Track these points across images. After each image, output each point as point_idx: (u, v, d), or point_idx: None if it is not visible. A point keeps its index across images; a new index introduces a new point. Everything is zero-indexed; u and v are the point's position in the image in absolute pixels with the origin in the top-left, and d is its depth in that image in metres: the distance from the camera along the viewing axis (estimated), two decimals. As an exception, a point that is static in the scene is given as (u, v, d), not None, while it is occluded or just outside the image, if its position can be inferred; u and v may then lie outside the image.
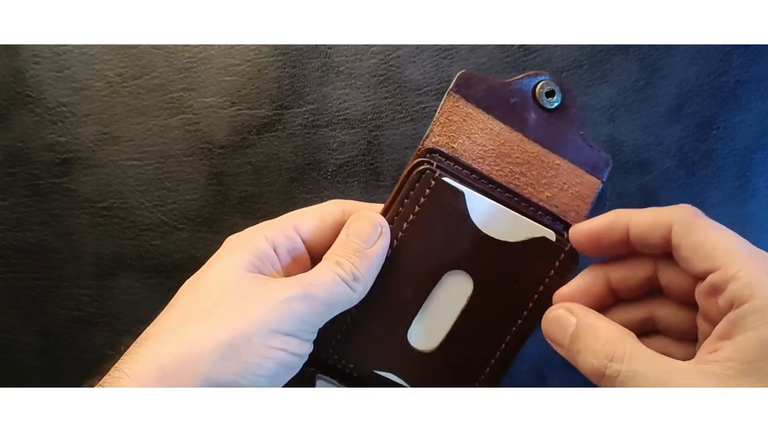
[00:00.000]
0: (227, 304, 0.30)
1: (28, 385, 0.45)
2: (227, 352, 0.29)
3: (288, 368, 0.31)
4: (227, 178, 0.44)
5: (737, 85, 0.44)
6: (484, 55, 0.44)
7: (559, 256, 0.33)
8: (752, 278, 0.27)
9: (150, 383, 0.28)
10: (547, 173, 0.34)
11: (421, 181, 0.32)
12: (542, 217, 0.34)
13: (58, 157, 0.44)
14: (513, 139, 0.34)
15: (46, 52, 0.43)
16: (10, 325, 0.45)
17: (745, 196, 0.45)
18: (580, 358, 0.29)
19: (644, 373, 0.27)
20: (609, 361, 0.28)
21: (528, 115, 0.34)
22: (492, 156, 0.34)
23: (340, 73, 0.44)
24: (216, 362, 0.29)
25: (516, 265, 0.33)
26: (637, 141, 0.44)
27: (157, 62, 0.44)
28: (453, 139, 0.34)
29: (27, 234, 0.45)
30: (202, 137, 0.44)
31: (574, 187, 0.35)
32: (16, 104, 0.44)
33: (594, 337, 0.29)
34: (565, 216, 0.35)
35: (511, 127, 0.34)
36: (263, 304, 0.30)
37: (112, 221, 0.44)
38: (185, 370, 0.28)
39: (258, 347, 0.29)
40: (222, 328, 0.29)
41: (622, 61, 0.44)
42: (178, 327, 0.31)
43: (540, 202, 0.34)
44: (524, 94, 0.34)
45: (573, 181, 0.35)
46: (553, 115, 0.34)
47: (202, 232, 0.44)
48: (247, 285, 0.31)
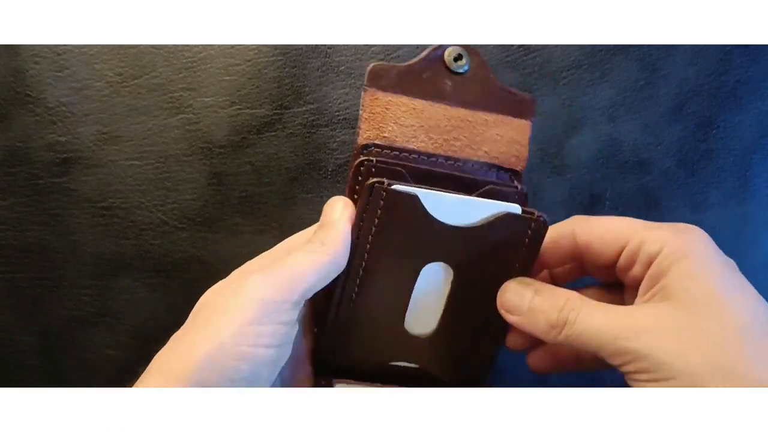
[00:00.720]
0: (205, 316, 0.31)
1: (28, 385, 0.45)
2: (204, 364, 0.29)
3: (268, 364, 0.30)
4: (227, 177, 0.44)
5: (737, 85, 0.44)
6: (484, 55, 0.43)
7: (530, 226, 0.33)
8: (657, 237, 0.31)
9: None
10: (478, 131, 0.35)
11: (372, 197, 0.32)
12: (487, 173, 0.36)
13: (58, 156, 0.44)
14: (437, 111, 0.35)
15: (46, 51, 0.43)
16: (9, 324, 0.45)
17: (744, 196, 0.45)
18: (541, 317, 0.32)
19: (597, 316, 0.31)
20: (569, 312, 0.31)
21: (444, 85, 0.35)
22: (423, 132, 0.35)
23: (340, 73, 0.44)
24: (194, 376, 0.29)
25: (489, 245, 0.34)
26: (637, 141, 0.44)
27: (157, 62, 0.44)
28: (382, 129, 0.34)
29: (27, 234, 0.45)
30: (202, 137, 0.44)
31: (507, 134, 0.36)
32: (16, 104, 0.44)
33: (555, 297, 0.32)
34: (508, 164, 0.36)
35: (432, 101, 0.35)
36: (230, 303, 0.30)
37: (112, 221, 0.44)
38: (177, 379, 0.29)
39: (231, 351, 0.29)
40: (201, 340, 0.29)
41: (622, 61, 0.44)
42: (175, 342, 0.31)
43: (480, 159, 0.35)
44: (434, 67, 0.35)
45: (504, 130, 0.36)
46: (467, 77, 0.35)
47: (202, 231, 0.44)
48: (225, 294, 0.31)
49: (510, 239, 0.34)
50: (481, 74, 0.35)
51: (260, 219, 0.44)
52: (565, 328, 0.31)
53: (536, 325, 0.32)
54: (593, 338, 0.30)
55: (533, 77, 0.44)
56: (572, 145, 0.44)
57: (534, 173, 0.44)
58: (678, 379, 0.28)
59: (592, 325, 0.30)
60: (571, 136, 0.44)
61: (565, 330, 0.31)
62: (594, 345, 0.30)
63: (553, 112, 0.44)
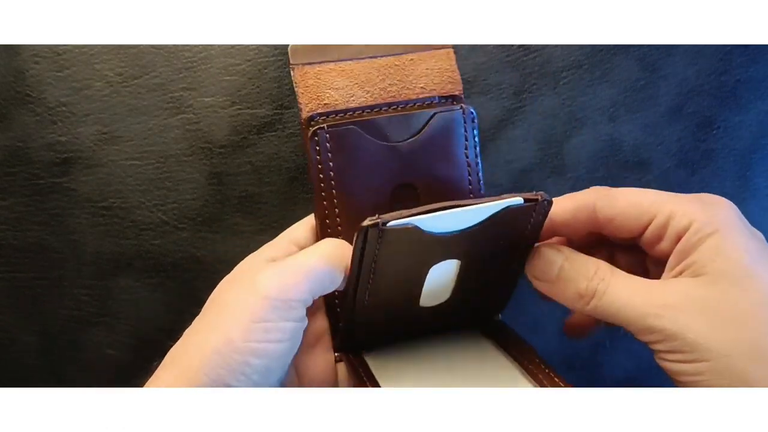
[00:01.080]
0: (216, 311, 0.31)
1: (28, 384, 0.45)
2: (214, 359, 0.29)
3: (278, 357, 0.30)
4: (227, 177, 0.44)
5: (737, 84, 0.44)
6: (484, 55, 0.44)
7: (534, 209, 0.33)
8: (685, 211, 0.30)
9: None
10: (408, 71, 0.37)
11: (368, 239, 0.31)
12: (431, 104, 0.37)
13: (58, 156, 0.44)
14: (365, 66, 0.37)
15: (46, 51, 0.43)
16: (9, 324, 0.45)
17: (745, 196, 0.45)
18: (570, 286, 0.31)
19: (626, 289, 0.30)
20: (598, 282, 0.30)
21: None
22: (358, 89, 0.37)
23: (340, 73, 0.44)
24: (205, 371, 0.29)
25: (495, 235, 0.33)
26: (637, 141, 0.44)
27: (158, 62, 0.44)
28: (320, 98, 0.36)
29: (27, 233, 0.45)
30: (202, 137, 0.44)
31: (436, 66, 0.38)
32: (16, 104, 0.44)
33: (585, 265, 0.31)
34: (445, 91, 0.37)
35: (357, 59, 0.37)
36: (240, 299, 0.30)
37: (112, 221, 0.44)
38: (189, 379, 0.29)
39: (240, 347, 0.29)
40: (211, 336, 0.30)
41: (623, 61, 0.44)
42: (188, 337, 0.31)
43: (420, 96, 0.37)
44: None
45: (431, 63, 0.38)
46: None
47: (203, 231, 0.44)
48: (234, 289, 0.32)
49: (515, 225, 0.33)
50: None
51: (260, 219, 0.44)
52: (594, 298, 0.30)
53: (564, 293, 0.32)
54: (621, 312, 0.30)
55: (533, 77, 0.44)
56: (572, 144, 0.44)
57: (534, 173, 0.44)
58: (710, 360, 0.27)
59: (621, 298, 0.30)
60: (571, 136, 0.44)
61: (594, 301, 0.30)
62: (622, 319, 0.30)
63: (553, 112, 0.44)
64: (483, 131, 0.44)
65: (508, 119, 0.44)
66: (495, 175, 0.44)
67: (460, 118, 0.36)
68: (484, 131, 0.44)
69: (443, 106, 0.37)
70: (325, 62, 0.36)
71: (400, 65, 0.37)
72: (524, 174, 0.44)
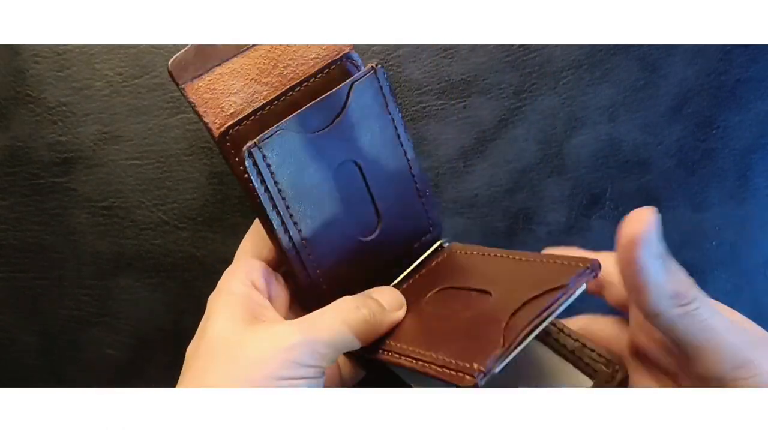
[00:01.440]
0: (233, 360, 0.30)
1: (28, 384, 0.45)
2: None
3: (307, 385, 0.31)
4: (228, 177, 0.44)
5: (737, 84, 0.44)
6: (484, 55, 0.44)
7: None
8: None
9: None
10: (293, 48, 0.36)
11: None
12: (329, 71, 0.36)
13: (58, 156, 0.44)
14: (250, 58, 0.36)
15: (47, 51, 0.43)
16: (10, 324, 0.45)
17: (745, 195, 0.45)
18: (669, 283, 0.29)
19: (716, 310, 0.29)
20: (698, 292, 0.29)
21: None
22: (256, 84, 0.36)
23: (340, 73, 0.44)
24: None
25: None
26: (637, 140, 0.44)
27: (158, 62, 0.44)
28: (224, 110, 0.35)
29: (27, 233, 0.45)
30: (202, 136, 0.44)
31: (313, 48, 0.37)
32: (17, 104, 0.44)
33: (683, 274, 0.29)
34: (337, 52, 0.37)
35: (239, 54, 0.36)
36: (265, 355, 0.30)
37: (113, 220, 0.44)
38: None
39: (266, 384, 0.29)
40: (233, 384, 0.30)
41: (622, 61, 0.44)
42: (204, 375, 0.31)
43: (315, 67, 0.36)
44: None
45: (311, 47, 0.37)
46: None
47: (203, 231, 0.44)
48: (248, 338, 0.31)
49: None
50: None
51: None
52: (691, 303, 0.28)
53: (657, 286, 0.29)
54: (709, 330, 0.28)
55: (533, 77, 0.44)
56: (572, 144, 0.44)
57: (534, 173, 0.44)
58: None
59: (718, 321, 0.29)
60: (571, 136, 0.44)
61: (692, 305, 0.28)
62: (707, 336, 0.28)
63: (553, 111, 0.44)
64: (483, 131, 0.44)
65: (508, 119, 0.44)
66: (495, 174, 0.44)
67: (374, 79, 0.35)
68: (485, 131, 0.44)
69: (353, 74, 0.36)
70: (212, 69, 0.35)
71: (286, 51, 0.37)
72: (524, 173, 0.44)
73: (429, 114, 0.44)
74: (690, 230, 0.45)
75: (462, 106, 0.44)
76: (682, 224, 0.45)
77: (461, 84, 0.44)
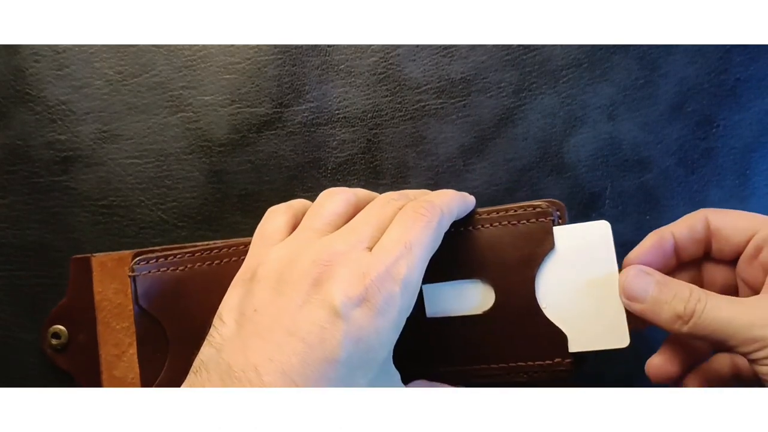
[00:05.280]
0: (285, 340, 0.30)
1: (28, 384, 0.45)
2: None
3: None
4: (227, 176, 0.44)
5: (737, 83, 0.44)
6: (484, 54, 0.44)
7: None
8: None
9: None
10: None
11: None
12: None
13: (57, 155, 0.44)
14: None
15: (46, 50, 0.43)
16: (9, 323, 0.45)
17: (744, 194, 0.45)
18: (666, 308, 0.32)
19: (725, 306, 0.31)
20: (695, 303, 0.32)
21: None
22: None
23: (339, 72, 0.44)
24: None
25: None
26: (636, 139, 0.44)
27: (157, 60, 0.44)
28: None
29: (27, 232, 0.45)
30: (201, 135, 0.44)
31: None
32: (16, 102, 0.44)
33: (679, 287, 0.33)
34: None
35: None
36: (312, 360, 0.29)
37: (112, 219, 0.44)
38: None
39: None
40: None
41: (622, 60, 0.44)
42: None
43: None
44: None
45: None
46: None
47: (202, 230, 0.44)
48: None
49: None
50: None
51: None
52: (693, 318, 0.31)
53: (660, 315, 0.33)
54: (724, 327, 0.31)
55: (533, 76, 0.44)
56: (572, 143, 0.44)
57: (533, 172, 0.44)
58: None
59: (723, 315, 0.31)
60: (570, 135, 0.44)
61: (693, 320, 0.31)
62: (724, 334, 0.31)
63: (552, 110, 0.44)
64: (483, 130, 0.44)
65: (508, 118, 0.44)
66: (495, 173, 0.44)
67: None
68: (484, 129, 0.44)
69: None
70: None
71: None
72: (524, 172, 0.44)
73: (428, 113, 0.44)
74: (689, 229, 0.45)
75: (462, 105, 0.44)
76: (681, 223, 0.45)
77: (461, 83, 0.44)
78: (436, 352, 0.36)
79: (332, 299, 0.29)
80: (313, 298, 0.30)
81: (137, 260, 0.38)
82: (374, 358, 0.30)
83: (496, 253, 0.36)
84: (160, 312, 0.38)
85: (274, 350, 0.29)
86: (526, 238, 0.36)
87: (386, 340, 0.30)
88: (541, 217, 0.36)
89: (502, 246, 0.36)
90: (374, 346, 0.29)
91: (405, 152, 0.44)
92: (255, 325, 0.30)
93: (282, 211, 0.36)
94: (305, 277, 0.30)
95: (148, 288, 0.38)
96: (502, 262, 0.36)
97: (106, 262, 0.41)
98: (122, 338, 0.40)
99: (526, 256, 0.36)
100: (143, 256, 0.38)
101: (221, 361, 0.29)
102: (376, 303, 0.29)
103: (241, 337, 0.30)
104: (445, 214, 0.33)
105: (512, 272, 0.36)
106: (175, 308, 0.37)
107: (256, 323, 0.30)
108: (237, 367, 0.28)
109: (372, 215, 0.33)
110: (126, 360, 0.40)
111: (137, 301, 0.38)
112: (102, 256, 0.41)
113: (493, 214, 0.37)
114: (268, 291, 0.31)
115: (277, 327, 0.29)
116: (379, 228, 0.32)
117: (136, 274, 0.38)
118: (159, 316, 0.38)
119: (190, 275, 0.38)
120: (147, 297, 0.38)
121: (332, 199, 0.35)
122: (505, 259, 0.36)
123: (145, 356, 0.38)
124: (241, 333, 0.30)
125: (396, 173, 0.44)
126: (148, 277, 0.38)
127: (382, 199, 0.34)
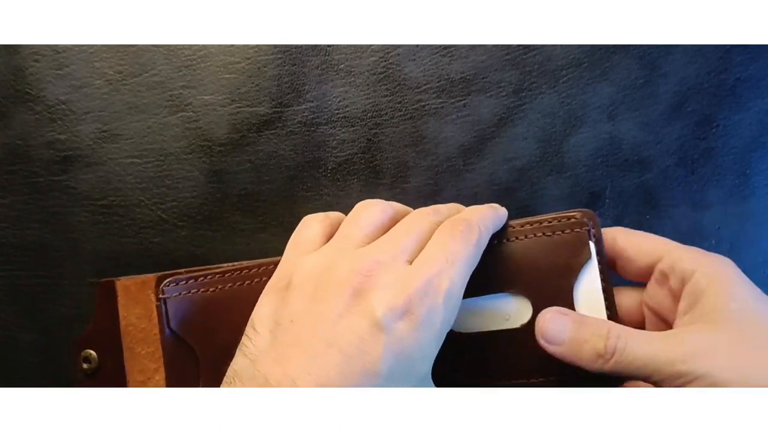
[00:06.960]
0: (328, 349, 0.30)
1: (28, 384, 0.45)
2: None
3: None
4: (227, 175, 0.44)
5: (737, 83, 0.44)
6: (484, 53, 0.44)
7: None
8: (691, 257, 0.34)
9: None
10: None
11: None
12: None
13: (57, 154, 0.44)
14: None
15: (46, 50, 0.43)
16: (9, 323, 0.45)
17: (744, 194, 0.45)
18: (586, 347, 0.32)
19: (646, 343, 0.31)
20: (616, 340, 0.31)
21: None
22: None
23: (339, 71, 0.44)
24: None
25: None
26: (636, 139, 0.44)
27: (157, 60, 0.44)
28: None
29: (26, 232, 0.45)
30: (201, 135, 0.44)
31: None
32: (16, 102, 0.44)
33: (596, 325, 0.32)
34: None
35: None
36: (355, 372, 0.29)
37: (112, 219, 0.44)
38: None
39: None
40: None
41: (622, 59, 0.44)
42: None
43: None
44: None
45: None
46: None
47: (202, 229, 0.44)
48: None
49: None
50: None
51: (260, 217, 0.44)
52: (614, 356, 0.31)
53: (580, 354, 0.32)
54: (647, 364, 0.30)
55: (533, 75, 0.44)
56: (572, 143, 0.44)
57: (533, 171, 0.44)
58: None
59: (645, 352, 0.30)
60: (570, 135, 0.44)
61: (615, 358, 0.31)
62: (647, 371, 0.30)
63: (552, 110, 0.44)
64: (483, 129, 0.44)
65: (508, 117, 0.44)
66: (495, 173, 0.44)
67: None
68: (484, 129, 0.44)
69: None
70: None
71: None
72: (524, 172, 0.44)
73: (428, 112, 0.44)
74: (689, 229, 0.45)
75: (461, 105, 0.44)
76: (681, 223, 0.45)
77: (461, 82, 0.44)
78: (473, 367, 0.36)
79: (374, 310, 0.28)
80: (353, 308, 0.29)
81: (167, 282, 0.37)
82: (415, 372, 0.29)
83: (531, 265, 0.36)
84: (191, 334, 0.37)
85: (311, 362, 0.28)
86: (562, 249, 0.36)
87: (428, 354, 0.29)
88: (576, 227, 0.36)
89: (538, 258, 0.36)
90: (415, 360, 0.29)
91: (405, 152, 0.44)
92: (291, 336, 0.29)
93: (318, 220, 0.35)
94: (344, 286, 0.29)
95: (178, 310, 0.37)
96: (538, 274, 0.36)
97: (129, 287, 0.40)
98: (147, 364, 0.39)
99: (563, 267, 0.36)
100: (172, 278, 0.37)
101: (257, 374, 0.28)
102: (419, 315, 0.28)
103: (276, 348, 0.29)
104: (483, 232, 0.33)
105: (549, 284, 0.36)
106: (206, 330, 0.37)
107: (293, 333, 0.29)
108: (274, 380, 0.28)
109: (412, 228, 0.32)
110: (152, 386, 0.39)
111: (168, 324, 0.37)
112: (126, 280, 0.40)
113: (526, 226, 0.36)
114: (305, 299, 0.30)
115: (314, 337, 0.28)
116: (419, 241, 0.32)
117: (167, 296, 0.37)
118: (190, 338, 0.37)
119: (221, 296, 0.37)
120: (178, 319, 0.37)
121: (369, 210, 0.34)
122: (541, 270, 0.36)
123: (174, 382, 0.37)
124: (277, 344, 0.29)
125: (396, 173, 0.44)
126: (179, 300, 0.37)
127: (420, 213, 0.34)
